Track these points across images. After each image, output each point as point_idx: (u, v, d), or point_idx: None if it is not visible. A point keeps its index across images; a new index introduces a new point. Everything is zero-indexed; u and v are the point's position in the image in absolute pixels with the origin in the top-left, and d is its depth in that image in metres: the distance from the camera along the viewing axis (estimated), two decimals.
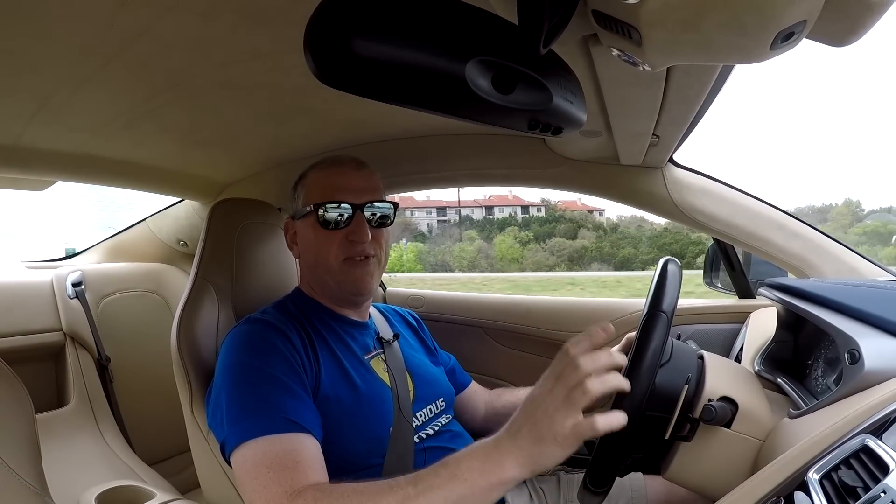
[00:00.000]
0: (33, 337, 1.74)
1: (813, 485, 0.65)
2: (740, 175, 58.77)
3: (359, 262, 1.12)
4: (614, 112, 1.07)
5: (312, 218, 1.11)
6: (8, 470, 0.77)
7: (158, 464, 1.85)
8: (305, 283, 1.21)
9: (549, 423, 0.74)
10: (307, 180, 1.16)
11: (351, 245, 1.11)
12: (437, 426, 1.15)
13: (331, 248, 1.11)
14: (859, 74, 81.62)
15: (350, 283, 1.12)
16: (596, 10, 0.56)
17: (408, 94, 0.50)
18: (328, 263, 1.11)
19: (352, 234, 1.10)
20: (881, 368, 0.78)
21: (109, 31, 0.80)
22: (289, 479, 0.84)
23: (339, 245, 1.11)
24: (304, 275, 1.21)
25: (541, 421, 0.75)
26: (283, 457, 0.86)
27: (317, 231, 1.11)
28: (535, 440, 0.75)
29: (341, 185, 1.12)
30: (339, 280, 1.12)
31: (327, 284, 1.15)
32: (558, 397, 0.75)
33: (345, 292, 1.14)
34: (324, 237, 1.11)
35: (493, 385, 1.48)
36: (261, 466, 0.85)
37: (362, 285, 1.13)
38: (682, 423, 0.91)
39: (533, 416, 0.76)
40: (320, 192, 1.12)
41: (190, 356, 1.13)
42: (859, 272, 1.44)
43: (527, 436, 0.76)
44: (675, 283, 0.92)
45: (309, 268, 1.18)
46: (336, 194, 1.11)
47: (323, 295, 1.18)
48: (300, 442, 0.89)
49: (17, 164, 1.37)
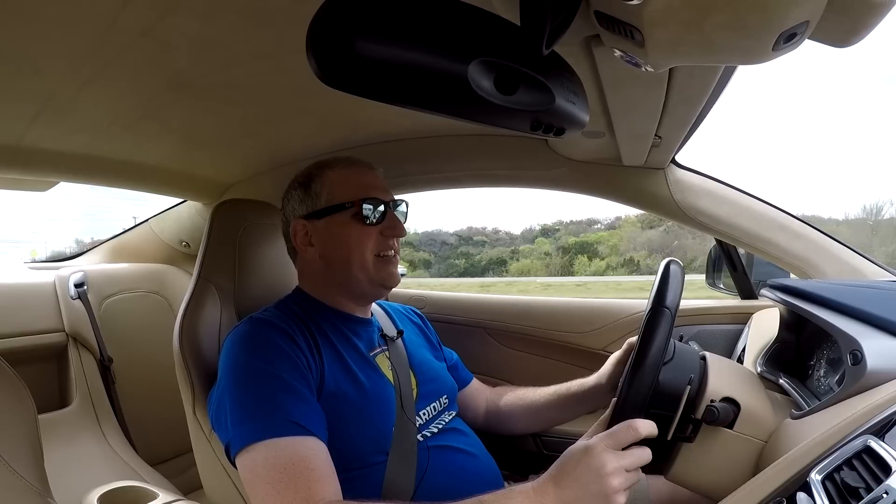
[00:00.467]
0: (36, 338, 1.74)
1: (815, 485, 0.65)
2: (748, 177, 58.88)
3: (389, 258, 1.15)
4: (617, 113, 1.07)
5: (348, 215, 1.12)
6: (10, 471, 0.77)
7: (161, 464, 1.86)
8: (311, 284, 1.20)
9: (603, 487, 0.78)
10: (327, 179, 1.15)
11: (385, 240, 1.14)
12: (441, 424, 1.15)
13: (368, 243, 1.12)
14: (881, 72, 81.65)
15: (381, 278, 1.15)
16: (598, 10, 0.56)
17: (410, 94, 0.50)
18: (363, 258, 1.12)
19: (388, 229, 1.14)
20: (883, 369, 0.78)
21: (111, 33, 0.80)
22: (305, 486, 0.84)
23: (375, 240, 1.13)
24: (314, 274, 1.19)
25: (592, 481, 0.79)
26: (297, 462, 0.86)
27: (354, 227, 1.12)
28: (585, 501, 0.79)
29: (370, 183, 1.15)
30: (371, 275, 1.14)
31: (356, 280, 1.14)
32: (621, 464, 0.79)
33: (375, 286, 1.16)
34: (363, 233, 1.12)
35: (496, 386, 1.48)
36: (273, 471, 0.86)
37: (393, 279, 1.17)
38: (685, 424, 0.91)
39: (585, 476, 0.79)
40: (355, 189, 1.13)
41: (192, 357, 1.13)
42: (862, 273, 1.44)
43: (575, 492, 0.79)
44: (677, 281, 0.92)
45: (334, 266, 1.16)
46: (371, 191, 1.14)
47: (339, 293, 1.17)
48: (309, 447, 0.90)
49: (19, 165, 1.38)
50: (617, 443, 0.80)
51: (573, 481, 0.79)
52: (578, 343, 1.75)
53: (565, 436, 1.55)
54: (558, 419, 1.32)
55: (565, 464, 0.82)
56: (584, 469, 0.79)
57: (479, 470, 1.12)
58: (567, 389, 1.29)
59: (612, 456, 0.79)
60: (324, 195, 1.15)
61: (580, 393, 1.26)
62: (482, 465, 1.14)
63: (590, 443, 0.81)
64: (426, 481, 1.02)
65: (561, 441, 1.57)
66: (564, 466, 0.82)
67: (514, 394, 1.38)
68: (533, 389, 1.36)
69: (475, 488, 0.86)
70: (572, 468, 0.80)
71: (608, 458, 0.78)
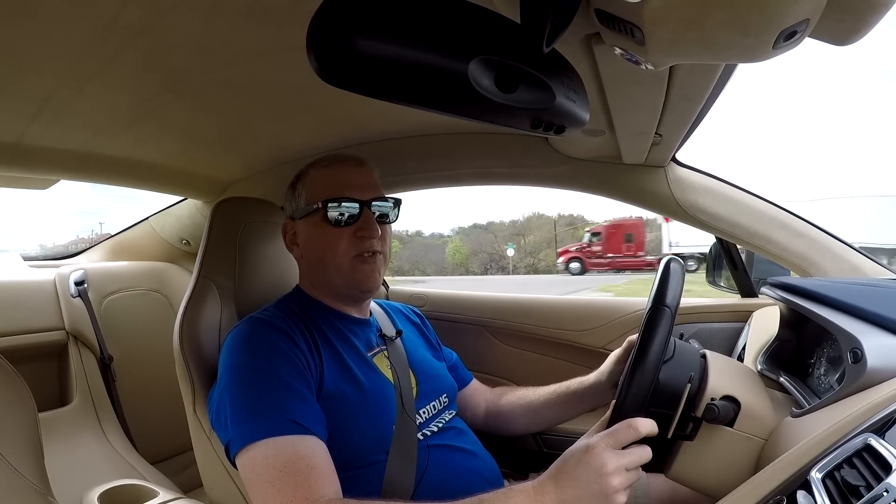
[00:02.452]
0: (36, 336, 1.74)
1: (815, 484, 0.65)
2: (749, 174, 58.91)
3: (367, 259, 1.12)
4: (617, 111, 1.07)
5: (319, 216, 1.11)
6: (10, 469, 0.77)
7: (161, 463, 1.86)
8: (307, 283, 1.20)
9: (603, 486, 0.78)
10: (307, 179, 1.15)
11: (360, 241, 1.10)
12: (441, 423, 1.15)
13: (339, 245, 1.10)
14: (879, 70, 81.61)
15: (359, 280, 1.12)
16: (599, 8, 0.56)
17: (411, 92, 0.50)
18: (337, 261, 1.11)
19: (361, 230, 1.10)
20: (884, 367, 0.78)
21: (112, 31, 0.80)
22: (305, 484, 0.85)
23: (349, 242, 1.10)
24: (305, 274, 1.21)
25: (593, 481, 0.79)
26: (296, 460, 0.87)
27: (324, 229, 1.10)
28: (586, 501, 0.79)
29: (346, 182, 1.12)
30: (348, 277, 1.12)
31: (333, 283, 1.14)
32: (620, 463, 0.80)
33: (353, 289, 1.14)
34: (333, 235, 1.10)
35: (496, 384, 1.48)
36: (273, 469, 0.86)
37: (371, 282, 1.13)
38: (685, 422, 0.91)
39: (585, 475, 0.80)
40: (326, 189, 1.12)
41: (192, 355, 1.13)
42: (862, 271, 1.44)
43: (575, 491, 0.80)
44: (677, 280, 0.92)
45: (314, 267, 1.17)
46: (343, 191, 1.11)
47: (327, 294, 1.17)
48: (309, 445, 0.90)
49: (19, 163, 1.38)
50: (617, 442, 0.80)
51: (573, 480, 0.79)
52: (578, 341, 1.75)
53: (565, 434, 1.55)
54: (558, 418, 1.32)
55: (566, 463, 0.82)
56: (584, 468, 0.79)
57: (479, 469, 1.12)
58: (567, 388, 1.29)
59: (612, 455, 0.79)
60: (304, 195, 1.15)
61: (580, 391, 1.26)
62: (482, 463, 1.14)
63: (590, 442, 0.81)
64: (426, 480, 1.03)
65: (561, 439, 1.58)
66: (565, 465, 0.82)
67: (513, 393, 1.38)
68: (532, 389, 1.36)
69: (475, 487, 0.87)
70: (573, 467, 0.80)
71: (608, 458, 0.79)
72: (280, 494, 0.84)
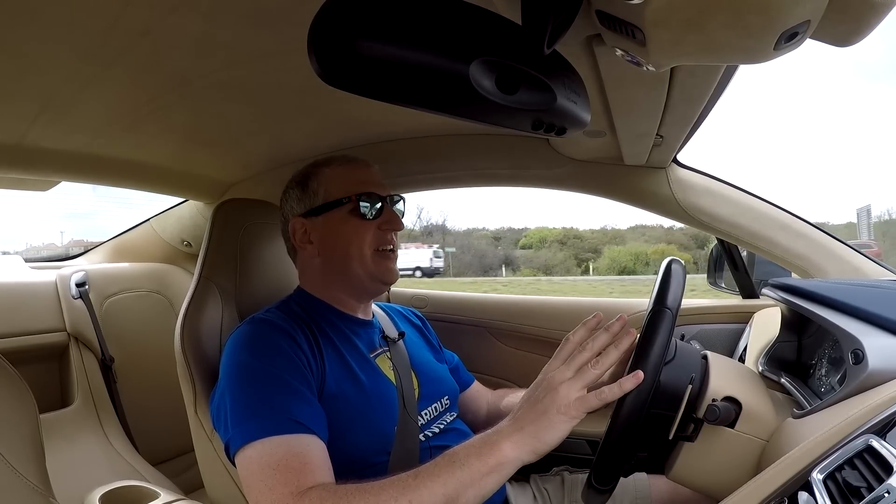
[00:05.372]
0: (37, 337, 1.74)
1: (817, 485, 0.65)
2: (749, 176, 58.92)
3: (387, 253, 1.16)
4: (618, 112, 1.07)
5: (344, 210, 1.13)
6: (12, 470, 0.77)
7: (162, 464, 1.86)
8: (312, 282, 1.20)
9: (553, 396, 0.84)
10: (323, 177, 1.16)
11: (383, 235, 1.15)
12: (443, 424, 1.15)
13: (365, 238, 1.13)
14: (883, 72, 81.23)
15: (381, 273, 1.15)
16: (600, 10, 0.56)
17: (412, 94, 0.50)
18: (362, 254, 1.13)
19: (386, 223, 1.15)
20: (885, 368, 0.77)
21: (113, 32, 0.80)
22: (295, 479, 0.84)
23: (373, 235, 1.14)
24: (316, 273, 1.20)
25: (544, 397, 0.85)
26: (290, 458, 0.86)
27: (351, 223, 1.13)
28: (538, 415, 0.84)
29: (367, 179, 1.17)
30: (370, 270, 1.14)
31: (356, 276, 1.15)
32: (565, 373, 0.86)
33: (376, 281, 1.16)
34: (361, 228, 1.13)
35: (497, 385, 1.48)
36: (267, 467, 0.86)
37: (392, 275, 1.17)
38: (686, 423, 0.91)
39: (534, 394, 0.88)
40: (351, 185, 1.14)
41: (193, 356, 1.13)
42: (863, 272, 1.43)
43: (528, 413, 0.85)
44: (679, 281, 0.92)
45: (333, 262, 1.16)
46: (367, 186, 1.15)
47: (340, 291, 1.18)
48: (306, 443, 0.90)
49: (21, 165, 1.38)
50: (572, 365, 0.87)
51: (529, 405, 0.87)
52: None
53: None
54: None
55: (526, 399, 0.89)
56: (536, 392, 0.88)
57: None
58: None
59: (561, 371, 0.87)
60: (321, 192, 1.15)
61: None
62: None
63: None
64: None
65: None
66: (524, 400, 0.89)
67: (515, 395, 1.38)
68: None
69: None
70: (531, 394, 0.89)
71: (557, 375, 0.87)
72: (271, 492, 0.84)
